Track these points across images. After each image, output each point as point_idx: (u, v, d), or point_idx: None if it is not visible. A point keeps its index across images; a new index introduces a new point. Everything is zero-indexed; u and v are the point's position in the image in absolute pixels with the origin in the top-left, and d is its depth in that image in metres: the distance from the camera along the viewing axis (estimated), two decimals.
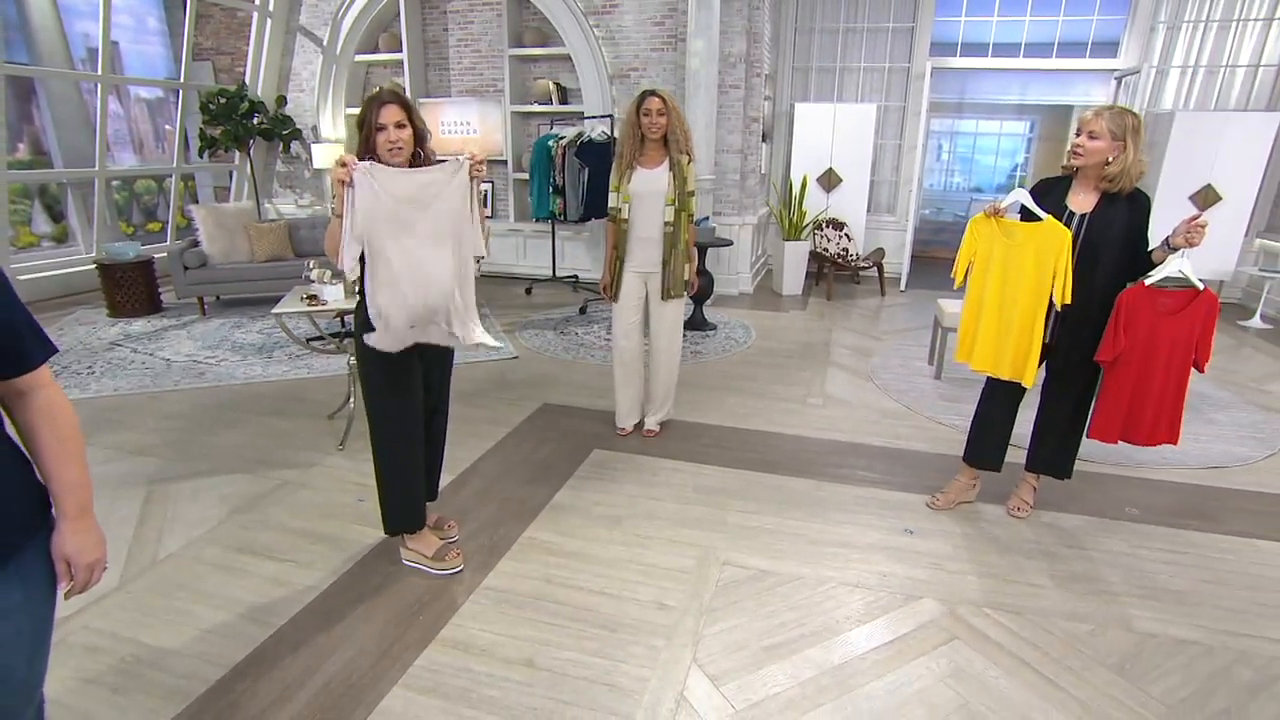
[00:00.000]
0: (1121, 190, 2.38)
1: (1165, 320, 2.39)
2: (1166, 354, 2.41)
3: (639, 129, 3.10)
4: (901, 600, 2.34)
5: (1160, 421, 2.49)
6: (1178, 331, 2.41)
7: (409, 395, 2.35)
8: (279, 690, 1.93)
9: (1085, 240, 2.44)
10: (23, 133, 8.39)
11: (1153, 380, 2.43)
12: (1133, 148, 2.30)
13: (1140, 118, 2.35)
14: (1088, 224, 2.44)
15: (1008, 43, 6.91)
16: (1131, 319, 2.40)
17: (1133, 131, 2.30)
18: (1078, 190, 2.49)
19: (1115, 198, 2.40)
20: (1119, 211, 2.40)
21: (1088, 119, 2.37)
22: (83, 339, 5.06)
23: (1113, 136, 2.30)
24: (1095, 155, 2.34)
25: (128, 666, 2.02)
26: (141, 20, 9.02)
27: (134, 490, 2.99)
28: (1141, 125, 2.33)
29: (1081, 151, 2.37)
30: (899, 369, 4.67)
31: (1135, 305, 2.40)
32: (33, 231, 7.98)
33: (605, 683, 1.97)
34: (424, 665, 2.03)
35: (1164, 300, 2.39)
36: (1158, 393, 2.45)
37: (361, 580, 2.43)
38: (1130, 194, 2.39)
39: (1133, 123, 2.31)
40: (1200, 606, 2.33)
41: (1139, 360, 2.41)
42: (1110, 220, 2.41)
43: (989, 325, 2.62)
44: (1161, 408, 2.47)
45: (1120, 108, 2.35)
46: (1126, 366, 2.44)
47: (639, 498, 2.99)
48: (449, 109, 7.29)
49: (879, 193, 7.65)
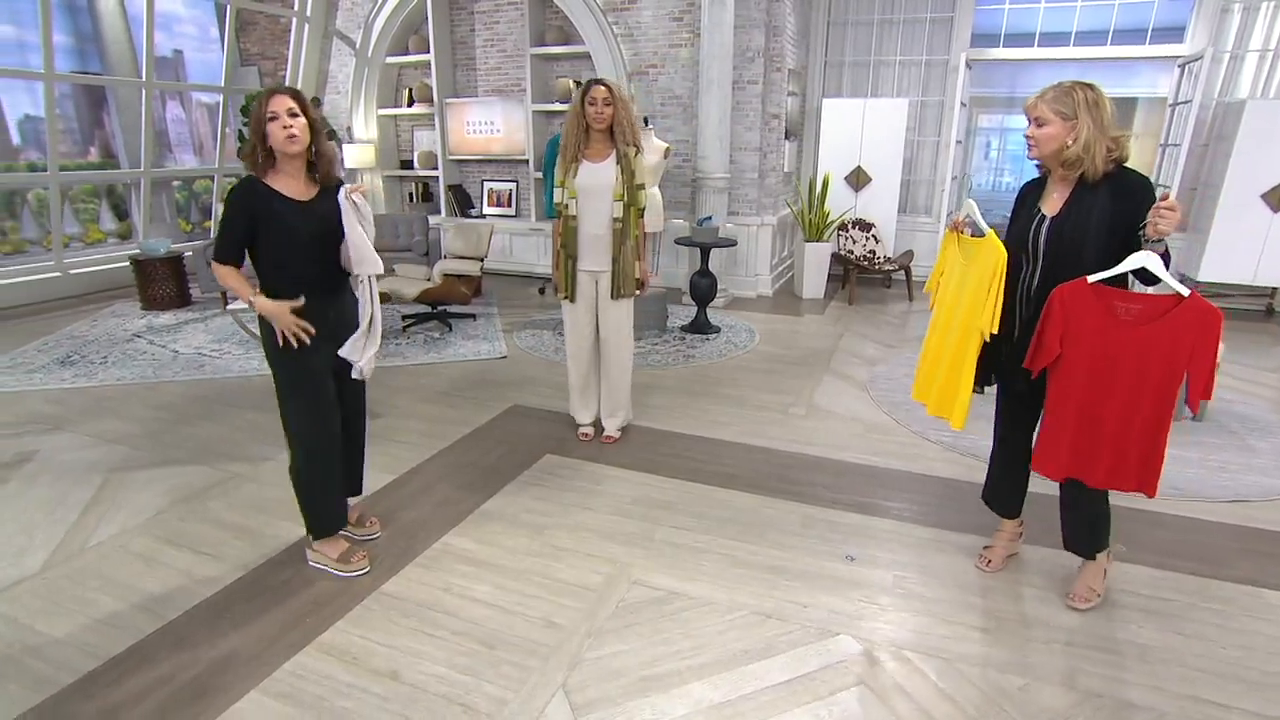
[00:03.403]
0: (1090, 177, 2.01)
1: (1128, 331, 1.99)
2: (1132, 375, 1.97)
3: (584, 119, 2.98)
4: (815, 636, 2.13)
5: (1125, 462, 2.02)
6: (1150, 348, 1.94)
7: (322, 400, 2.32)
8: (140, 688, 1.91)
9: (1055, 245, 2.06)
10: (94, 137, 9.03)
11: (1108, 405, 2.00)
12: (1090, 124, 1.95)
13: (1098, 90, 1.98)
14: (1055, 227, 2.07)
15: (1056, 31, 6.39)
16: (1070, 322, 1.99)
17: (1087, 106, 1.96)
18: (1051, 190, 2.14)
19: (1088, 188, 2.03)
20: (1096, 201, 2.02)
21: (1030, 105, 2.05)
22: (110, 330, 5.34)
23: (1062, 118, 1.98)
24: (1048, 143, 2.02)
25: (12, 654, 2.05)
26: (204, 30, 9.55)
27: (93, 477, 3.08)
28: (1102, 99, 1.97)
29: (1034, 142, 2.05)
30: (902, 379, 4.36)
31: (1074, 305, 1.99)
32: (100, 229, 8.55)
33: (462, 703, 1.86)
34: (290, 670, 1.98)
35: (1125, 305, 1.95)
36: (1116, 423, 2.00)
37: (267, 577, 2.41)
38: (1110, 177, 2.01)
39: (1085, 97, 1.96)
40: (1166, 665, 2.02)
41: (1085, 376, 2.02)
42: (1084, 215, 2.03)
43: (928, 352, 2.41)
44: (1124, 444, 2.01)
45: (1069, 83, 2.00)
46: (1068, 381, 2.04)
47: (573, 507, 2.87)
48: (474, 109, 7.35)
49: (915, 193, 7.23)
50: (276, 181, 2.17)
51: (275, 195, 2.15)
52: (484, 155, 7.45)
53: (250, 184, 2.15)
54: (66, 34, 8.76)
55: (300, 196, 2.20)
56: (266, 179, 2.16)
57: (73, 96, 8.71)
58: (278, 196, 2.15)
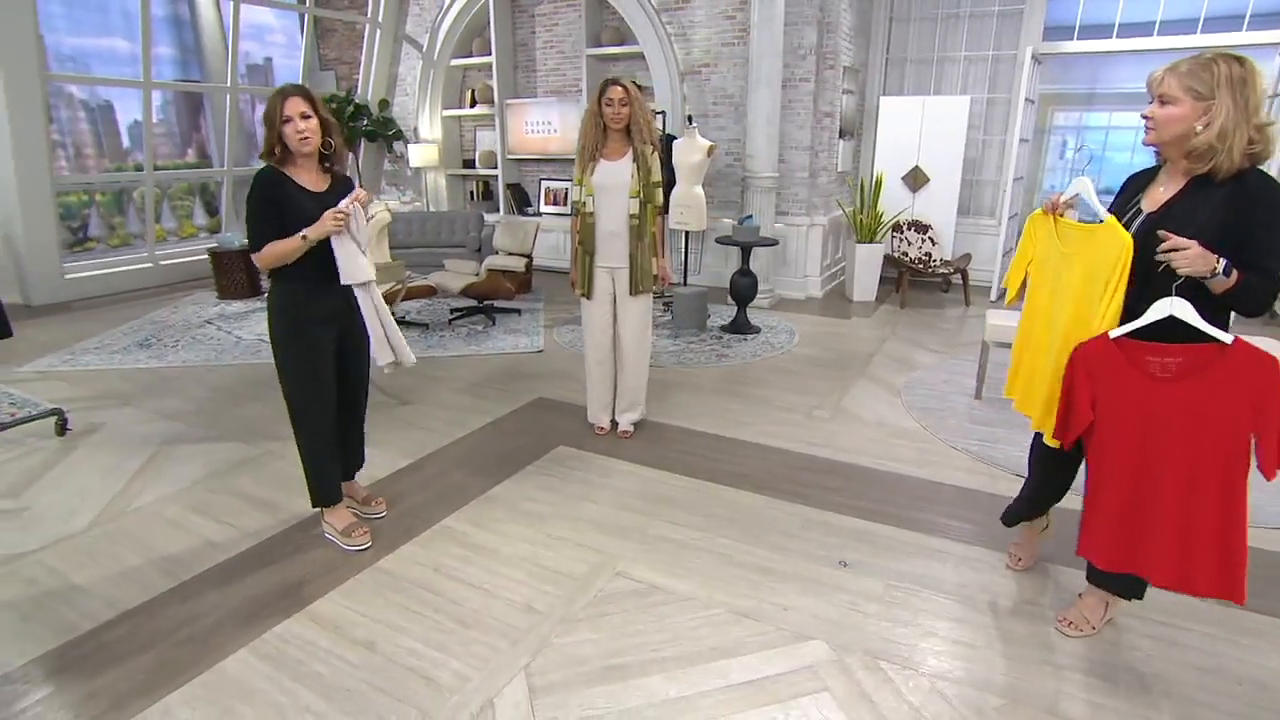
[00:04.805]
0: (1219, 172, 1.62)
1: (1170, 389, 1.64)
2: (1185, 444, 1.64)
3: (601, 119, 3.02)
4: (789, 639, 2.08)
5: (1196, 554, 1.66)
6: (1203, 408, 1.61)
7: (320, 380, 2.44)
8: (145, 638, 2.08)
9: (1144, 252, 1.67)
10: (192, 139, 9.78)
11: (1164, 482, 1.67)
12: (1230, 107, 1.57)
13: (1249, 66, 1.59)
14: (1148, 227, 1.69)
15: (1139, 21, 5.96)
16: (1099, 387, 1.72)
17: (1230, 85, 1.57)
18: (1162, 180, 1.77)
19: (1208, 186, 1.65)
20: (1209, 203, 1.63)
21: (1155, 78, 1.68)
22: (187, 317, 5.78)
23: (1195, 96, 1.60)
24: (1171, 126, 1.64)
25: (48, 600, 2.26)
26: (292, 38, 10.15)
27: (145, 449, 3.35)
28: (1252, 76, 1.58)
29: (1152, 124, 1.69)
30: (939, 385, 4.18)
31: (1100, 367, 1.72)
32: (193, 224, 9.26)
33: (426, 676, 1.93)
34: (279, 633, 2.10)
35: (1160, 360, 1.65)
36: (1177, 505, 1.66)
37: (276, 548, 2.56)
38: (1239, 176, 1.61)
39: (1230, 72, 1.58)
40: (1168, 699, 1.87)
41: (1129, 447, 1.69)
42: (1187, 217, 1.65)
43: (1030, 351, 2.06)
44: (1193, 531, 1.65)
45: (1211, 54, 1.62)
46: (1109, 455, 1.74)
47: (575, 498, 2.91)
48: (532, 109, 7.53)
49: (980, 193, 6.90)
50: (292, 173, 2.31)
51: (292, 184, 2.29)
52: (541, 155, 7.62)
53: (270, 174, 2.29)
54: (172, 46, 9.52)
55: (314, 188, 2.33)
56: (284, 169, 2.30)
57: (174, 103, 9.45)
58: (294, 185, 2.29)
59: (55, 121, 7.99)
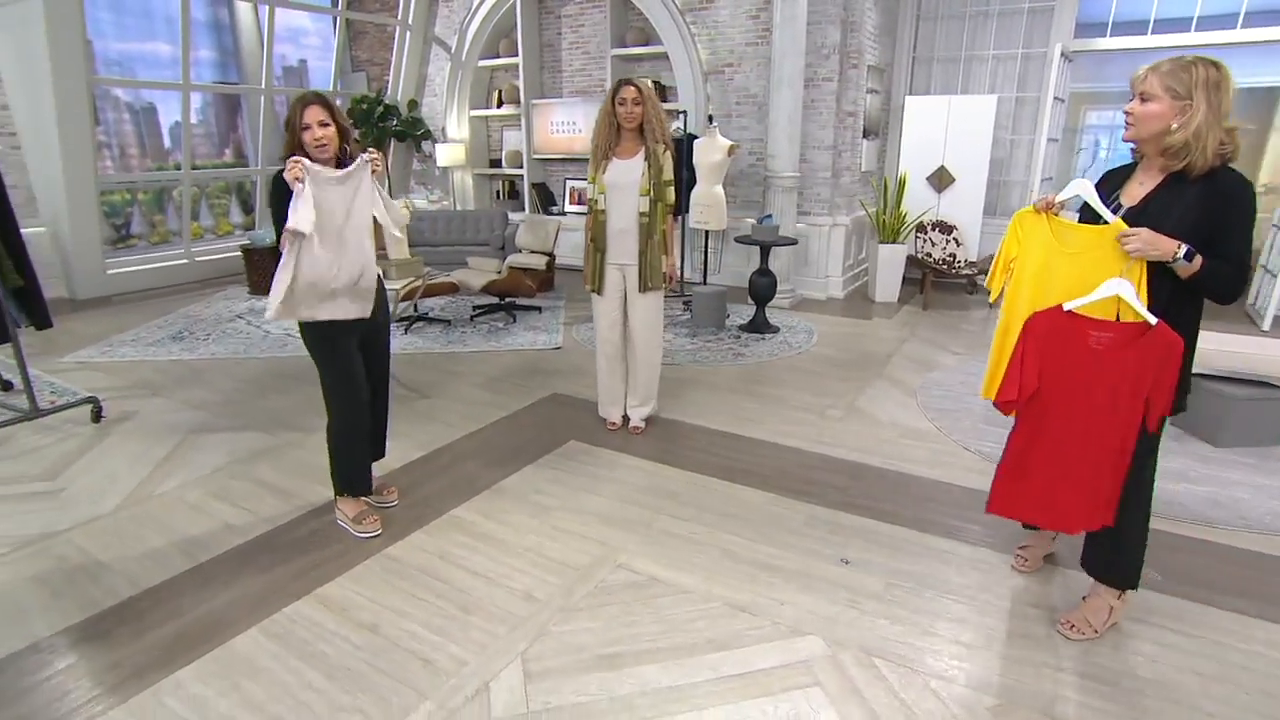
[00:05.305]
0: (1193, 169, 1.72)
1: (1100, 360, 1.83)
2: (1104, 410, 1.85)
3: (615, 119, 3.06)
4: (785, 633, 2.09)
5: (1097, 499, 1.91)
6: (1121, 378, 1.81)
7: (352, 371, 2.54)
8: (164, 615, 2.17)
9: None
10: (230, 140, 10.07)
11: (1080, 441, 1.88)
12: (1205, 108, 1.67)
13: (1224, 71, 1.69)
14: (1134, 218, 1.80)
15: (1175, 17, 5.80)
16: (1046, 355, 1.87)
17: (1206, 87, 1.67)
18: (1139, 177, 1.87)
19: (1182, 183, 1.75)
20: (1184, 200, 1.74)
21: (1138, 77, 1.77)
22: (218, 311, 5.96)
23: (1173, 95, 1.70)
24: (1150, 123, 1.74)
25: (76, 577, 2.37)
26: (326, 41, 10.38)
27: (173, 437, 3.48)
28: (1225, 81, 1.68)
29: (1131, 120, 1.78)
30: (956, 387, 4.13)
31: (1052, 336, 1.86)
32: (229, 222, 9.54)
33: (425, 659, 1.98)
34: (288, 614, 2.18)
35: (1098, 334, 1.82)
36: (1086, 460, 1.89)
37: (290, 533, 2.65)
38: (1211, 174, 1.72)
39: (1206, 75, 1.68)
40: (1170, 704, 1.83)
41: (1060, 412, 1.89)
42: (1164, 213, 1.75)
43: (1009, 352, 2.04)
44: (1098, 479, 1.89)
45: (1188, 58, 1.72)
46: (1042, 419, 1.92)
47: (582, 491, 2.95)
48: (558, 109, 7.60)
49: (1007, 194, 6.78)
50: None
51: None
52: (566, 154, 7.69)
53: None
54: (212, 49, 9.81)
55: None
56: None
57: (213, 104, 9.75)
58: None
59: (102, 123, 8.30)
